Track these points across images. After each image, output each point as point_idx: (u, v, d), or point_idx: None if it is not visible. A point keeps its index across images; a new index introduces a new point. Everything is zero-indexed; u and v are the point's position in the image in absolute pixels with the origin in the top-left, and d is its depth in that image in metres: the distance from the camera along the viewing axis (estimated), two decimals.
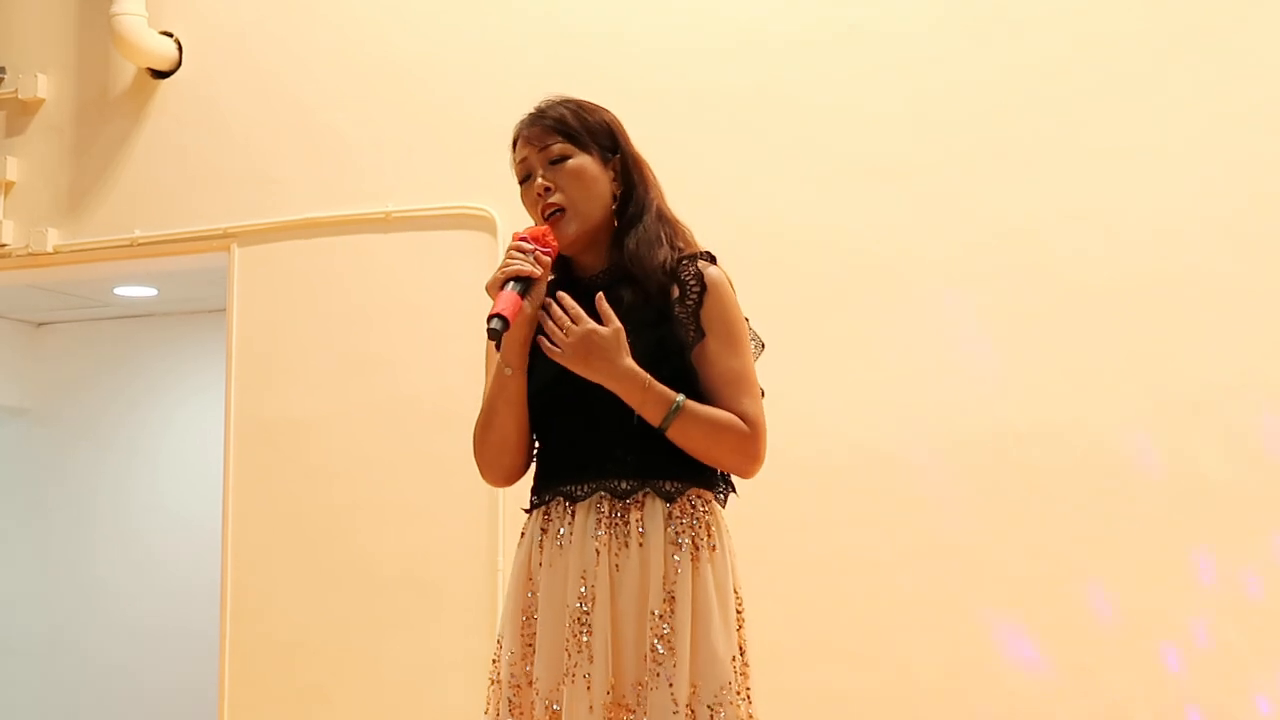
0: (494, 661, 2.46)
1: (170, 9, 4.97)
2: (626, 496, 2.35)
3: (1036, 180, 3.99)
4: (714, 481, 2.43)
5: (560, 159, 2.41)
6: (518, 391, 2.41)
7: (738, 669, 2.34)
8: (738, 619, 2.39)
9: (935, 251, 4.05)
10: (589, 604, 2.31)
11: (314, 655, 4.60)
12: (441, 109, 4.61)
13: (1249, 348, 3.79)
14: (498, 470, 2.48)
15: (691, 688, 2.29)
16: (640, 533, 2.33)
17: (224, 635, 4.72)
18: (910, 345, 4.04)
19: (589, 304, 2.35)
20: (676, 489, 2.36)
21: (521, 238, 2.36)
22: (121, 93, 5.07)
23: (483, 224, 4.48)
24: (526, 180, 2.46)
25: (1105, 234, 3.92)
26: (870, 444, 4.03)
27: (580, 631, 2.31)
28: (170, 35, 4.97)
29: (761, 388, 2.44)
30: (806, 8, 4.27)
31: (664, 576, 2.31)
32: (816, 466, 4.05)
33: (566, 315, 2.32)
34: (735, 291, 2.44)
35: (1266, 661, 3.68)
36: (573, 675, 2.30)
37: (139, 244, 4.99)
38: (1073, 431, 3.88)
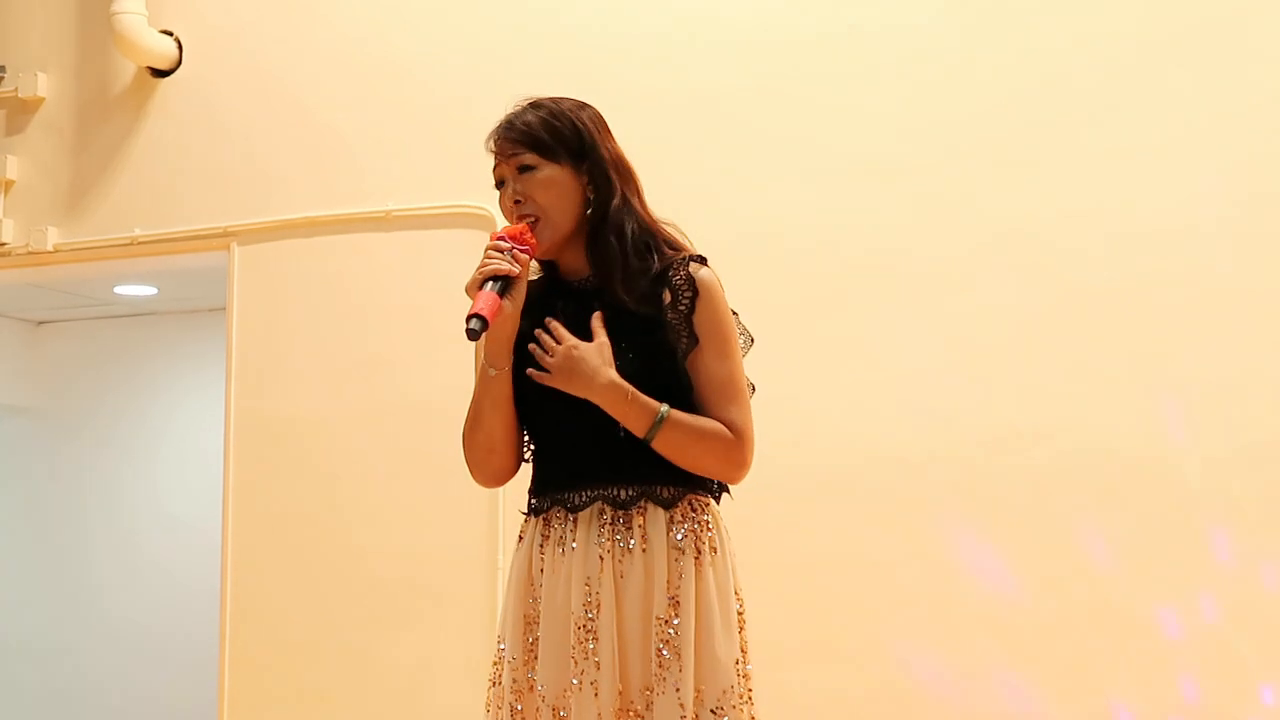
0: (495, 663, 2.46)
1: (170, 8, 4.97)
2: (628, 506, 2.35)
3: (1036, 180, 3.99)
4: (709, 483, 2.43)
5: (529, 169, 2.41)
6: (503, 392, 2.41)
7: (740, 672, 2.34)
8: (739, 621, 2.39)
9: (935, 251, 4.05)
10: (594, 610, 2.31)
11: (314, 655, 4.60)
12: (441, 108, 4.61)
13: (1249, 348, 3.79)
14: (486, 471, 2.48)
15: (696, 692, 2.29)
16: (643, 538, 2.34)
17: (224, 634, 4.72)
18: (910, 345, 4.04)
19: (578, 308, 2.37)
20: (674, 494, 2.37)
21: (499, 236, 2.36)
22: (121, 91, 5.07)
23: (483, 223, 4.47)
24: (502, 185, 2.46)
25: (1105, 234, 3.92)
26: (870, 444, 4.03)
27: (586, 638, 2.31)
28: (170, 34, 4.97)
29: (752, 383, 2.44)
30: (806, 8, 4.26)
31: (668, 581, 2.32)
32: (816, 466, 4.04)
33: (552, 338, 2.32)
34: (724, 291, 2.43)
35: (1270, 657, 3.68)
36: (580, 682, 2.30)
37: (139, 243, 4.99)
38: (1073, 431, 3.88)
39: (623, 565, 2.33)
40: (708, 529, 2.38)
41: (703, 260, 2.43)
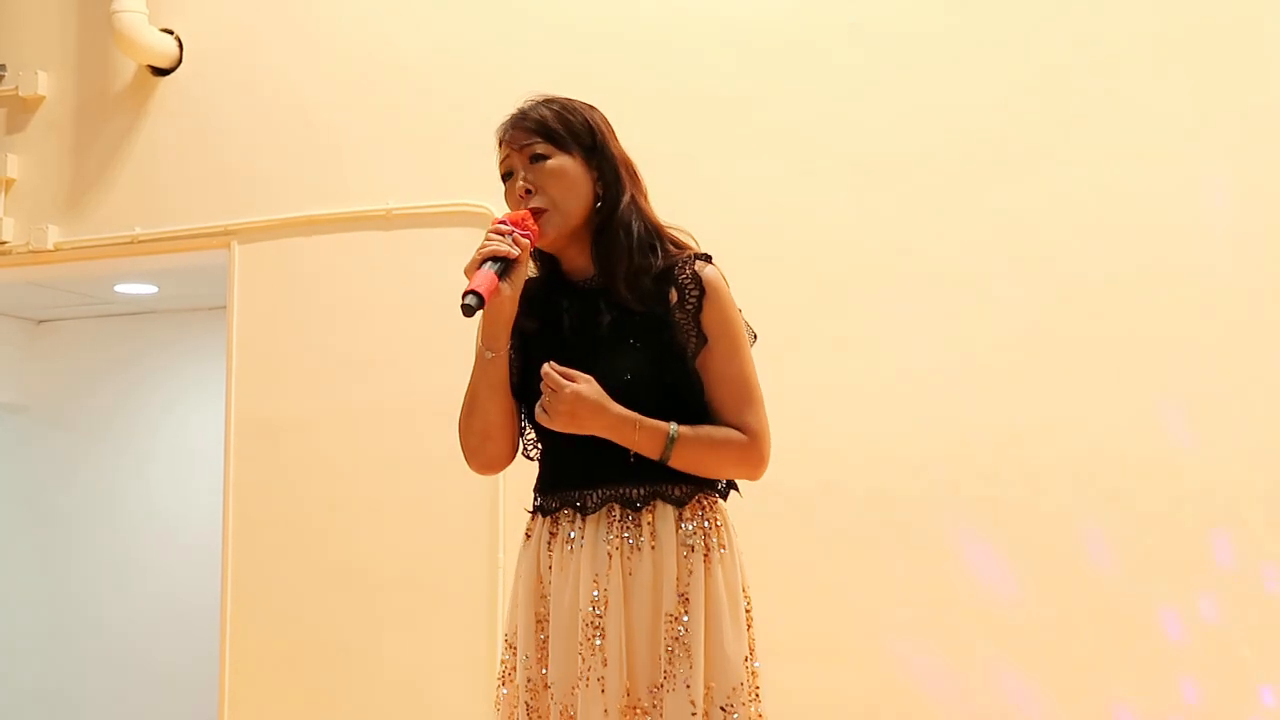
0: (503, 661, 2.46)
1: (170, 6, 4.97)
2: (639, 505, 2.35)
3: (1036, 180, 3.99)
4: (716, 481, 2.44)
5: (541, 159, 2.41)
6: (499, 376, 2.41)
7: (749, 669, 2.36)
8: (747, 619, 2.40)
9: (936, 251, 4.05)
10: (601, 607, 2.32)
11: (314, 655, 4.60)
12: (441, 107, 4.61)
13: (1250, 348, 3.79)
14: (482, 457, 2.47)
15: (706, 689, 2.30)
16: (652, 536, 2.34)
17: (224, 633, 4.72)
18: (911, 344, 4.04)
19: (583, 307, 2.38)
20: (685, 493, 2.37)
21: (501, 221, 2.36)
22: (122, 90, 5.07)
23: (483, 221, 4.47)
24: (509, 177, 2.45)
25: (1107, 234, 3.92)
26: (870, 443, 4.03)
27: (593, 635, 2.31)
28: (170, 32, 4.97)
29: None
30: (806, 8, 4.26)
31: (677, 579, 2.32)
32: (815, 466, 4.04)
33: (556, 376, 2.31)
34: (730, 288, 2.43)
35: (1270, 658, 3.68)
36: (586, 679, 2.30)
37: (139, 241, 4.99)
38: (1074, 431, 3.88)
39: (631, 563, 2.33)
40: (717, 526, 2.38)
41: (708, 258, 2.44)
